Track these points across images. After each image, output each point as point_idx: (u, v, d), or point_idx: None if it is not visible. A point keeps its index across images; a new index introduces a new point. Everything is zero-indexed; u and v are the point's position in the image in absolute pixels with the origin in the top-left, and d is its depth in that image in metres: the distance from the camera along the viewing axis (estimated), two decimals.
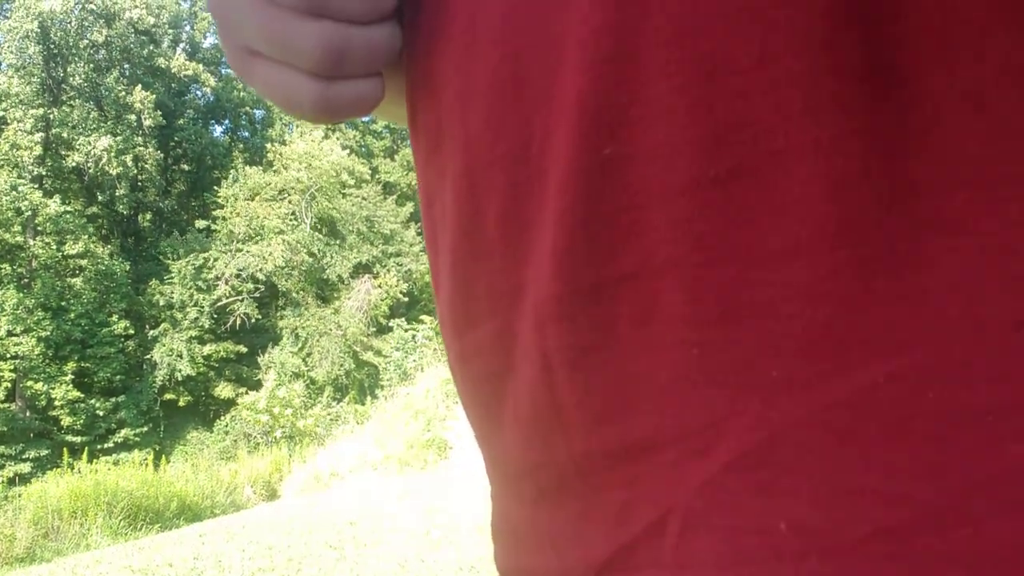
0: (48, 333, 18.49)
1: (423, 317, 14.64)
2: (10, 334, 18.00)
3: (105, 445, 18.64)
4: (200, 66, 24.80)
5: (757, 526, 0.20)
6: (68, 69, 20.88)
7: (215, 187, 22.89)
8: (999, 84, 0.18)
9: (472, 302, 0.29)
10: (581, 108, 0.23)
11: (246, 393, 17.61)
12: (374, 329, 21.48)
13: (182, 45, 25.51)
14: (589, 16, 0.23)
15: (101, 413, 19.08)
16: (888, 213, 0.19)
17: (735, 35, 0.21)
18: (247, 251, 20.94)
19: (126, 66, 22.86)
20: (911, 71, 0.19)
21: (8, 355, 18.05)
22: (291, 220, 21.88)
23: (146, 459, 10.66)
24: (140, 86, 21.94)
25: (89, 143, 20.25)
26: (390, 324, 18.33)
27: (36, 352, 18.18)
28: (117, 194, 22.04)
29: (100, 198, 22.31)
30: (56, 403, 18.47)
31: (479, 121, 0.28)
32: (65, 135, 20.29)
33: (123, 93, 21.74)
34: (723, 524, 0.21)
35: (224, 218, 21.66)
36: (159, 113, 22.45)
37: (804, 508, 0.20)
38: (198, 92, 26.02)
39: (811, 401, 0.20)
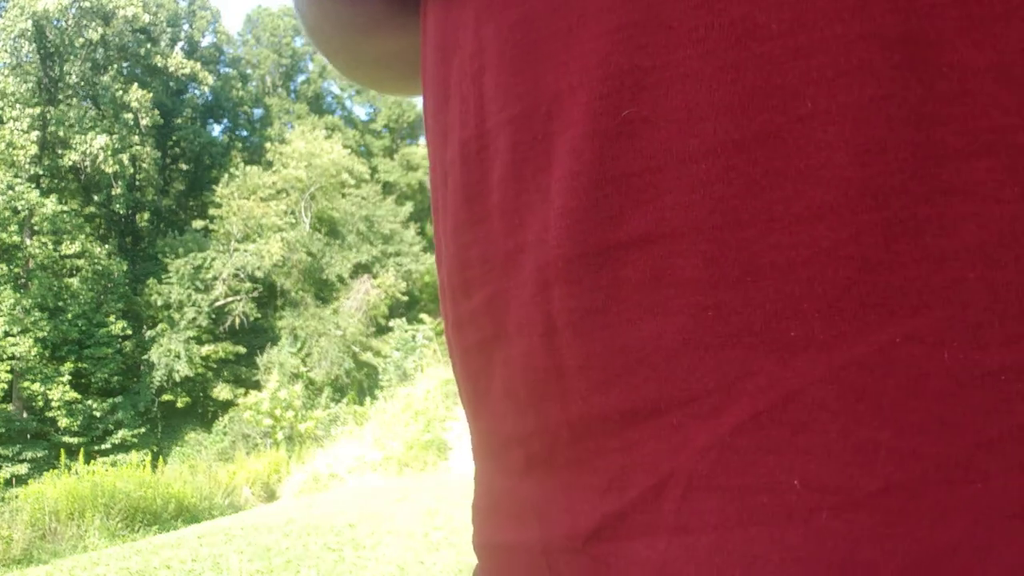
0: (45, 333, 18.42)
1: (423, 317, 14.57)
2: (7, 334, 17.94)
3: (102, 446, 18.58)
4: (198, 65, 24.72)
5: (768, 484, 0.21)
6: (64, 67, 20.81)
7: (213, 186, 22.83)
8: None
9: (468, 269, 0.29)
10: (600, 71, 0.23)
11: (245, 394, 17.54)
12: (373, 329, 21.44)
13: (180, 43, 25.43)
14: None
15: (98, 414, 19.01)
16: (912, 178, 0.19)
17: (765, 2, 0.21)
18: (244, 250, 20.87)
19: (123, 64, 22.80)
20: (940, 40, 0.19)
21: (5, 356, 17.98)
22: (289, 218, 21.83)
23: (144, 460, 10.61)
24: (137, 84, 21.87)
25: (86, 142, 20.17)
26: (389, 324, 18.27)
27: (33, 353, 18.11)
28: (114, 193, 21.97)
29: (97, 198, 22.23)
30: (53, 404, 18.40)
31: (490, 83, 0.27)
32: (62, 134, 20.22)
33: (120, 92, 21.67)
34: (730, 484, 0.21)
35: (221, 217, 21.59)
36: (156, 112, 22.40)
37: (817, 465, 0.20)
38: (196, 91, 25.95)
39: (829, 361, 0.20)
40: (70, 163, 20.61)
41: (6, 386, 18.28)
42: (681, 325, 0.22)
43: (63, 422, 18.43)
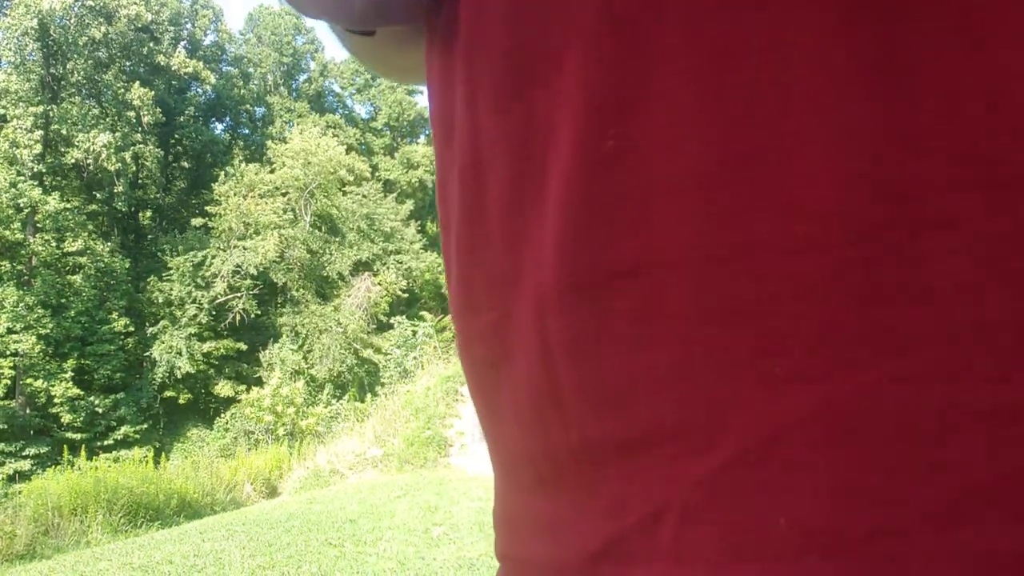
0: (48, 330, 18.47)
1: (423, 314, 14.61)
2: (10, 331, 17.98)
3: (105, 442, 18.63)
4: (200, 63, 24.77)
5: (756, 522, 0.20)
6: (68, 66, 20.84)
7: (214, 184, 22.88)
8: (1013, 84, 0.18)
9: (473, 291, 0.30)
10: (585, 99, 0.23)
11: (247, 391, 17.60)
12: (374, 326, 21.48)
13: (183, 42, 25.46)
14: (591, 4, 0.23)
15: (101, 410, 19.07)
16: (896, 211, 0.19)
17: (745, 26, 0.20)
18: (243, 247, 20.91)
19: (126, 63, 22.83)
20: (925, 66, 0.19)
21: (8, 352, 18.03)
22: (288, 216, 21.85)
23: (146, 456, 10.65)
24: (139, 83, 21.90)
25: (88, 140, 20.21)
26: (390, 321, 18.32)
27: (36, 349, 18.16)
28: (116, 191, 22.03)
29: (99, 195, 22.27)
30: (56, 400, 18.46)
31: (486, 110, 0.28)
32: (65, 132, 20.26)
33: (123, 90, 21.72)
34: (722, 519, 0.21)
35: (220, 215, 21.64)
36: (159, 110, 22.44)
37: (805, 506, 0.20)
38: (198, 89, 25.98)
39: (815, 399, 0.20)
40: (73, 161, 20.65)
41: (9, 382, 18.35)
42: (671, 357, 0.22)
43: (66, 418, 18.49)
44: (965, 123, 0.18)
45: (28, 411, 18.55)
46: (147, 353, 20.77)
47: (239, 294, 21.12)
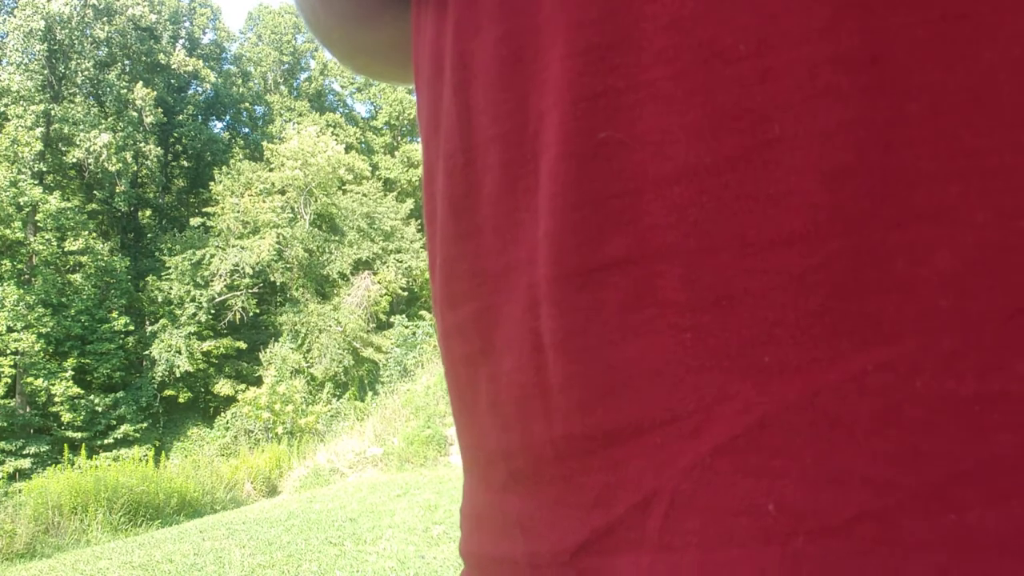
0: (48, 329, 18.47)
1: (423, 313, 14.62)
2: (10, 330, 17.99)
3: (105, 441, 18.66)
4: (200, 62, 24.76)
5: (745, 507, 0.21)
6: (70, 66, 20.85)
7: (212, 183, 22.87)
8: (997, 77, 0.18)
9: (455, 282, 0.30)
10: (573, 93, 0.23)
11: (246, 389, 17.61)
12: (374, 325, 21.48)
13: (181, 41, 25.45)
14: None
15: (101, 409, 19.08)
16: (882, 204, 0.19)
17: (732, 23, 0.21)
18: (241, 246, 20.91)
19: (127, 63, 22.83)
20: (910, 62, 0.19)
21: (8, 351, 18.04)
22: (287, 215, 21.84)
23: (146, 455, 10.66)
24: (141, 83, 21.90)
25: (89, 139, 20.21)
26: (390, 320, 18.32)
27: (36, 348, 18.16)
28: (117, 190, 22.03)
29: (99, 194, 22.27)
30: (56, 399, 18.47)
31: (478, 99, 0.28)
32: (66, 131, 20.26)
33: (124, 90, 21.72)
34: (710, 505, 0.21)
35: (218, 214, 21.64)
36: (160, 110, 22.43)
37: (792, 490, 0.20)
38: (198, 88, 25.98)
39: (802, 387, 0.20)
40: (74, 160, 20.65)
41: (9, 381, 18.35)
42: (662, 346, 0.22)
43: (66, 417, 18.50)
44: (949, 117, 0.19)
45: (28, 410, 18.56)
46: (147, 352, 20.77)
47: (239, 293, 21.12)
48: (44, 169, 20.00)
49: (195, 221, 22.32)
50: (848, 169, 0.19)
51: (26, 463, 17.01)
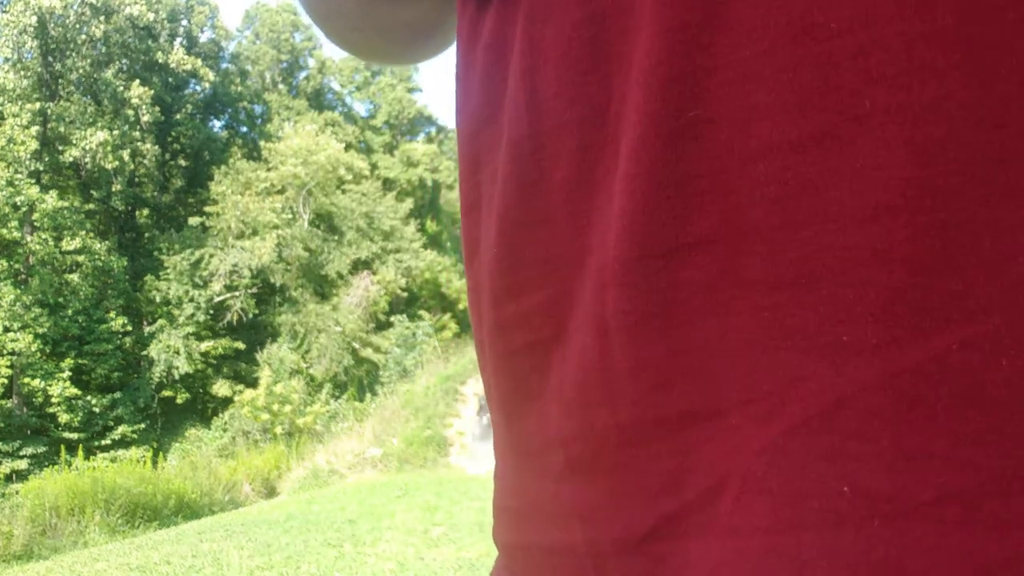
0: (45, 329, 18.41)
1: (422, 313, 14.58)
2: (7, 330, 17.92)
3: (102, 442, 18.58)
4: (198, 60, 24.66)
5: (819, 490, 0.20)
6: (66, 63, 20.77)
7: (210, 182, 22.82)
8: None
9: (521, 270, 0.29)
10: (661, 71, 0.23)
11: (244, 391, 17.56)
12: (373, 325, 21.45)
13: (179, 39, 25.38)
14: None
15: (98, 410, 19.00)
16: (970, 180, 0.19)
17: (827, 0, 0.21)
18: (240, 246, 20.86)
19: (124, 61, 22.76)
20: (1000, 42, 0.19)
21: (5, 352, 17.96)
22: (286, 215, 21.80)
23: (144, 456, 10.61)
24: (138, 81, 21.84)
25: (86, 138, 20.14)
26: (390, 320, 18.28)
27: (33, 348, 18.09)
28: (114, 189, 21.95)
29: (97, 194, 22.21)
30: (53, 400, 18.39)
31: (551, 84, 0.27)
32: (62, 130, 20.19)
33: (121, 88, 21.65)
34: (783, 488, 0.21)
35: (217, 214, 21.58)
36: (157, 109, 22.37)
37: (869, 472, 0.20)
38: (196, 87, 25.90)
39: (882, 367, 0.20)
40: (70, 159, 20.57)
41: (6, 382, 18.27)
42: (742, 326, 0.22)
43: (63, 418, 18.43)
44: None
45: (25, 410, 18.49)
46: (145, 352, 20.70)
47: (237, 293, 21.07)
48: (40, 168, 19.92)
49: (193, 220, 22.27)
50: (939, 144, 0.19)
51: (23, 464, 16.94)
